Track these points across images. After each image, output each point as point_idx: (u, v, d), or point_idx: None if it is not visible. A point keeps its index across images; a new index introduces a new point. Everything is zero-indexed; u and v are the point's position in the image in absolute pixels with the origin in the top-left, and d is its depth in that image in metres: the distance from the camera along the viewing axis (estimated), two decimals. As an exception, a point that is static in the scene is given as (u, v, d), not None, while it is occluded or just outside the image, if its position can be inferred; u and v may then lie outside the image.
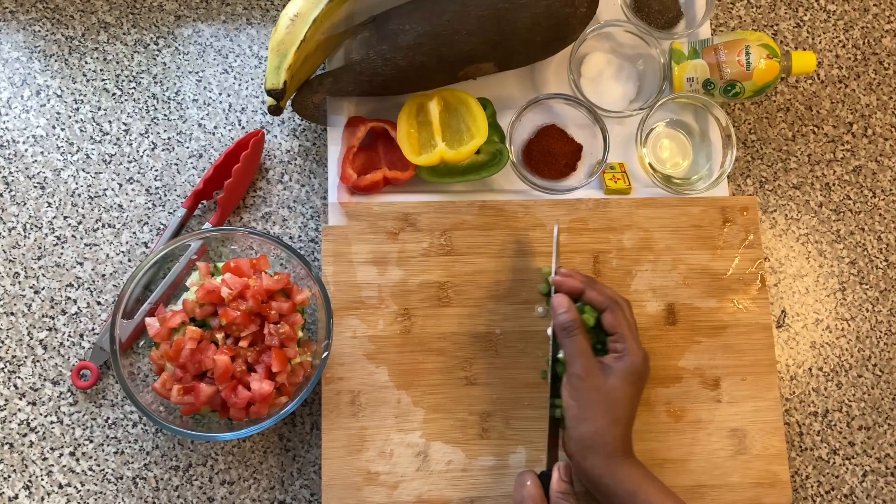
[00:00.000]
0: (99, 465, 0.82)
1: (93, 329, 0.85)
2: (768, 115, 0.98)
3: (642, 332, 0.86)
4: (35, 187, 0.87)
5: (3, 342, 0.83)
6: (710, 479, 0.83)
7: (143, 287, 0.82)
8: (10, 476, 0.80)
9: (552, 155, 0.89)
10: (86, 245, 0.87)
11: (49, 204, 0.87)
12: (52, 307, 0.85)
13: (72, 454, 0.82)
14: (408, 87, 0.86)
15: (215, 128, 0.92)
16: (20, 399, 0.82)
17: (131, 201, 0.88)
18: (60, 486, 0.81)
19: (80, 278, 0.86)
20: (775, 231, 0.94)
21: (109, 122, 0.90)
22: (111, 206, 0.88)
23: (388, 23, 0.84)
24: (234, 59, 0.94)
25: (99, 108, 0.91)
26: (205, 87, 0.93)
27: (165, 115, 0.91)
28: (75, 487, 0.81)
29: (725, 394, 0.85)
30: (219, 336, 0.76)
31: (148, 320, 0.77)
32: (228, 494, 0.83)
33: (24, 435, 0.82)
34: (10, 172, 0.87)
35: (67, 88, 0.91)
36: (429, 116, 0.87)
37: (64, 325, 0.84)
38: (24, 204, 0.87)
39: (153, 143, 0.90)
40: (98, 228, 0.87)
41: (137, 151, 0.90)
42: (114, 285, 0.86)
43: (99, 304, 0.85)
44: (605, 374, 0.73)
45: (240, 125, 0.92)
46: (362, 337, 0.83)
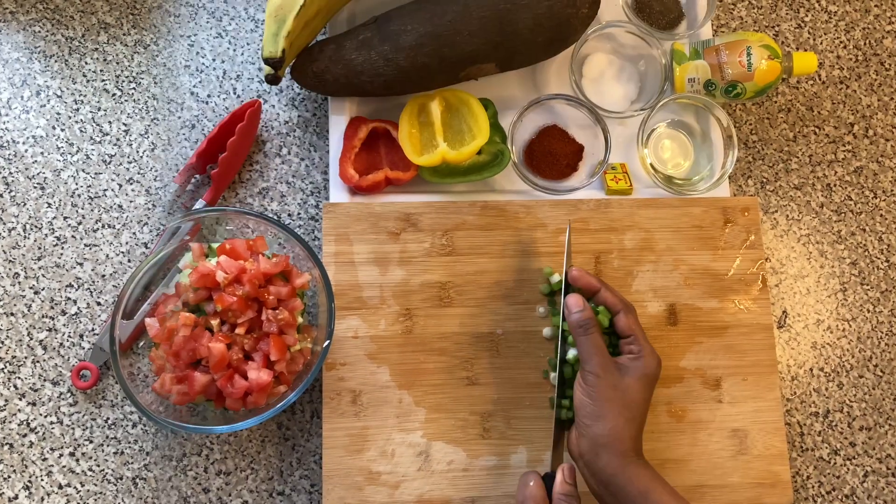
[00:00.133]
0: (99, 466, 0.82)
1: (93, 329, 0.84)
2: (769, 115, 0.98)
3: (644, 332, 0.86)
4: (35, 188, 0.87)
5: (2, 343, 0.83)
6: (711, 479, 0.83)
7: (143, 287, 0.81)
8: (10, 476, 0.80)
9: (553, 155, 0.89)
10: (86, 245, 0.86)
11: (49, 204, 0.87)
12: (52, 307, 0.84)
13: (72, 454, 0.82)
14: (409, 88, 0.86)
15: (208, 96, 0.89)
16: (20, 399, 0.82)
17: (131, 202, 0.88)
18: (60, 487, 0.81)
19: (79, 279, 0.85)
20: (776, 232, 0.95)
21: (109, 122, 0.90)
22: (111, 207, 0.87)
23: (390, 23, 0.84)
24: (228, 22, 0.90)
25: (99, 109, 0.90)
26: (197, 53, 0.89)
27: (164, 116, 0.90)
28: (75, 488, 0.81)
29: (726, 394, 0.85)
30: (214, 322, 0.73)
31: (148, 321, 0.76)
32: (224, 485, 0.81)
33: (24, 435, 0.81)
34: (10, 173, 0.87)
35: (67, 89, 0.90)
36: (430, 117, 0.87)
37: (64, 325, 0.84)
38: (24, 204, 0.86)
39: (153, 143, 0.89)
40: (98, 229, 0.87)
41: (137, 152, 0.89)
42: (114, 286, 0.86)
43: (99, 304, 0.85)
44: (622, 373, 0.73)
45: (235, 94, 0.89)
46: (364, 337, 0.82)
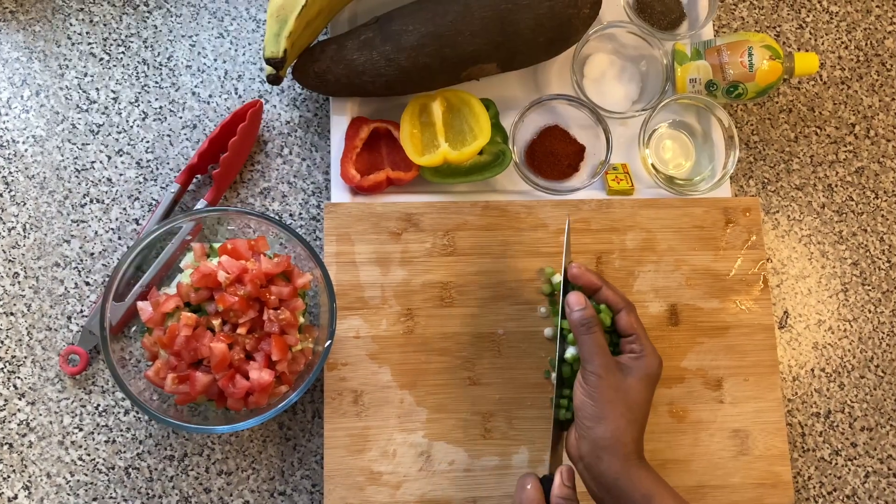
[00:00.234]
0: (89, 455, 0.79)
1: (81, 311, 0.81)
2: (771, 116, 0.98)
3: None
4: (35, 187, 0.85)
5: (2, 342, 0.82)
6: (712, 480, 0.83)
7: (135, 268, 0.78)
8: (9, 476, 0.79)
9: (555, 156, 0.89)
10: (73, 221, 0.83)
11: (32, 177, 0.82)
12: (37, 292, 0.81)
13: (60, 443, 0.79)
14: (411, 88, 0.86)
15: (210, 96, 0.88)
16: (20, 399, 0.81)
17: (121, 175, 0.84)
18: (49, 476, 0.79)
19: (66, 257, 0.82)
20: (778, 232, 0.95)
21: (97, 89, 0.86)
22: (99, 180, 0.84)
23: (392, 24, 0.84)
24: (230, 23, 0.89)
25: (85, 75, 0.86)
26: (199, 53, 0.88)
27: (157, 83, 0.87)
28: (64, 478, 0.79)
29: (728, 394, 0.85)
30: (215, 322, 0.72)
31: (140, 304, 0.74)
32: (226, 485, 0.81)
33: (24, 435, 0.80)
34: (10, 172, 0.85)
35: (51, 52, 0.86)
36: (432, 117, 0.87)
37: (50, 306, 0.81)
38: (24, 204, 0.85)
39: (144, 112, 0.86)
40: (86, 204, 0.83)
41: (127, 121, 0.86)
42: (103, 265, 0.82)
43: (87, 284, 0.82)
44: (624, 373, 0.71)
45: (236, 94, 0.88)
46: (365, 337, 0.82)
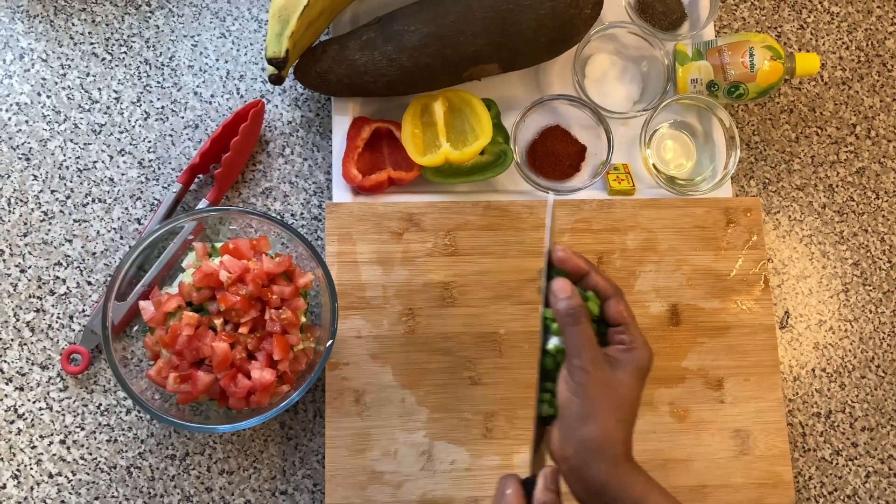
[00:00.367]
0: (91, 454, 0.79)
1: (83, 311, 0.81)
2: (772, 116, 0.98)
3: (646, 332, 0.85)
4: (20, 159, 0.83)
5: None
6: (713, 480, 0.83)
7: (137, 267, 0.78)
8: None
9: (556, 156, 0.90)
10: (75, 221, 0.83)
11: (35, 177, 0.83)
12: (40, 287, 0.81)
13: (62, 442, 0.79)
14: (412, 88, 0.86)
15: (212, 96, 0.88)
16: (7, 384, 0.79)
17: (123, 174, 0.84)
18: (51, 476, 0.79)
19: (68, 256, 0.82)
20: (779, 232, 0.95)
21: (99, 89, 0.86)
22: (101, 180, 0.84)
23: (393, 24, 0.84)
24: (231, 23, 0.89)
25: (87, 74, 0.86)
26: (201, 53, 0.88)
27: (159, 83, 0.87)
28: (66, 477, 0.79)
29: (729, 394, 0.86)
30: (217, 322, 0.72)
31: (142, 304, 0.74)
32: (227, 485, 0.81)
33: (12, 422, 0.79)
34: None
35: (53, 52, 0.86)
36: (433, 117, 0.87)
37: (52, 305, 0.81)
38: (9, 177, 0.83)
39: (146, 112, 0.86)
40: (88, 203, 0.83)
41: (129, 121, 0.86)
42: (105, 264, 0.82)
43: (89, 283, 0.82)
44: (613, 367, 0.65)
45: (238, 94, 0.88)
46: (367, 337, 0.83)
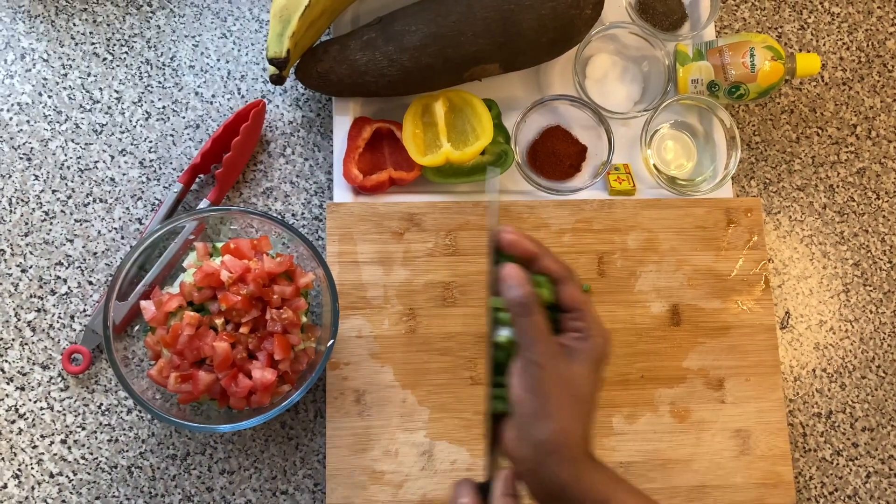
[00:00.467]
0: (92, 454, 0.80)
1: (84, 311, 0.81)
2: (772, 116, 0.98)
3: (647, 332, 0.86)
4: (21, 158, 0.84)
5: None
6: (713, 480, 0.83)
7: (138, 267, 0.78)
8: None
9: (557, 156, 0.90)
10: (76, 221, 0.83)
11: (36, 177, 0.83)
12: (41, 287, 0.81)
13: (63, 442, 0.80)
14: (413, 88, 0.86)
15: (213, 96, 0.88)
16: (8, 384, 0.80)
17: (124, 174, 0.85)
18: (52, 475, 0.79)
19: (70, 256, 0.82)
20: (779, 232, 0.95)
21: (100, 89, 0.86)
22: (103, 180, 0.84)
23: (394, 24, 0.84)
24: (232, 23, 0.90)
25: (89, 74, 0.86)
26: (202, 53, 0.89)
27: (160, 83, 0.87)
28: (67, 476, 0.79)
29: (729, 394, 0.86)
30: (218, 321, 0.72)
31: (143, 303, 0.74)
32: (228, 484, 0.81)
33: (13, 421, 0.79)
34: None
35: (55, 52, 0.86)
36: (434, 117, 0.87)
37: (53, 305, 0.81)
38: (10, 176, 0.83)
39: (147, 112, 0.86)
40: (89, 203, 0.84)
41: (130, 121, 0.86)
42: (106, 264, 0.83)
43: (91, 283, 0.82)
44: (569, 359, 0.59)
45: (239, 94, 0.88)
46: (368, 336, 0.83)
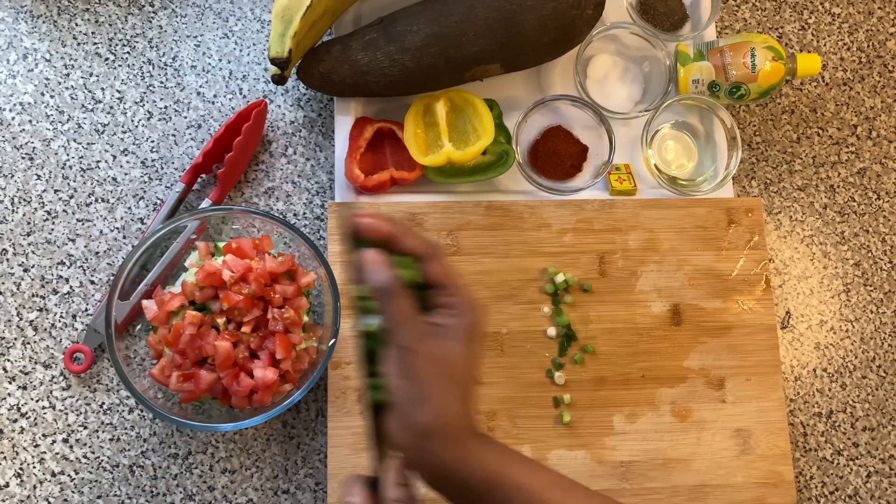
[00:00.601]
0: (94, 453, 0.80)
1: (86, 310, 0.82)
2: (773, 117, 0.98)
3: (648, 332, 0.86)
4: (23, 158, 0.84)
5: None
6: (714, 479, 0.84)
7: (140, 266, 0.78)
8: (0, 463, 0.79)
9: (558, 156, 0.90)
10: (78, 220, 0.83)
11: (38, 176, 0.83)
12: (43, 286, 0.81)
13: (65, 441, 0.80)
14: (415, 88, 0.87)
15: (215, 96, 0.88)
16: (10, 383, 0.80)
17: (126, 174, 0.85)
18: (54, 474, 0.79)
19: (72, 256, 0.82)
20: (780, 232, 0.95)
21: (102, 89, 0.86)
22: (104, 180, 0.84)
23: (396, 24, 0.84)
24: (234, 23, 0.90)
25: (91, 74, 0.87)
26: (203, 53, 0.89)
27: (162, 83, 0.87)
28: (69, 475, 0.79)
29: (730, 394, 0.86)
30: (220, 321, 0.73)
31: (145, 303, 0.74)
32: (230, 483, 0.81)
33: (15, 420, 0.79)
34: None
35: (57, 52, 0.86)
36: (435, 117, 0.87)
37: (55, 305, 0.81)
38: (12, 176, 0.83)
39: (149, 111, 0.86)
40: (91, 203, 0.84)
41: (132, 121, 0.86)
42: (108, 263, 0.83)
43: (92, 283, 0.82)
44: (439, 337, 0.57)
45: (241, 94, 0.89)
46: (369, 336, 0.83)
